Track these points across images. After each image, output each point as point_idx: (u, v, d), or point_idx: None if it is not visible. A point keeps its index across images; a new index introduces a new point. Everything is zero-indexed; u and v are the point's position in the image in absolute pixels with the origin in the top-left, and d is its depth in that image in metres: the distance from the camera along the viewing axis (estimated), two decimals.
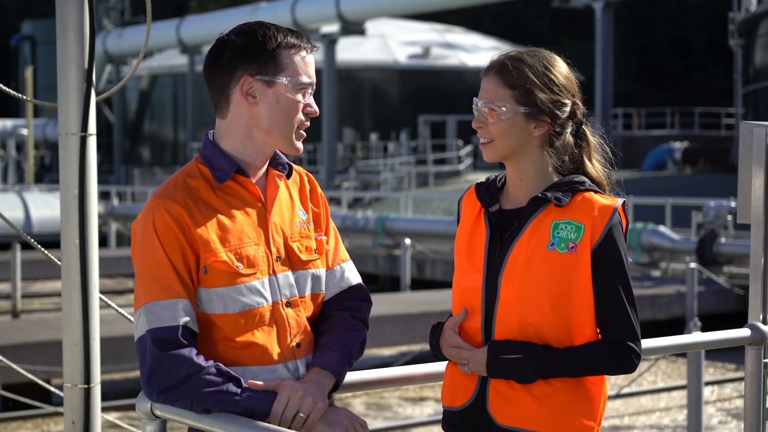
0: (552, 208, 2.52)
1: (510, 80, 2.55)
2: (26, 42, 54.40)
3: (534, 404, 2.50)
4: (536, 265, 2.49)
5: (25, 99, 3.08)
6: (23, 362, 8.84)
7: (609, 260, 2.49)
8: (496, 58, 2.61)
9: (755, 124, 3.13)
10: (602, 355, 2.48)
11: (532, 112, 2.54)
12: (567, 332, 2.49)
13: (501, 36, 50.13)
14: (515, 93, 2.54)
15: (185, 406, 2.32)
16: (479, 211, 2.63)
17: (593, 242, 2.48)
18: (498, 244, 2.56)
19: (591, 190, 2.55)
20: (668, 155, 35.44)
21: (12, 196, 27.33)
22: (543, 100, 2.54)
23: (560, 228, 2.50)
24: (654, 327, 13.58)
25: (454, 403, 2.61)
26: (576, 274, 2.48)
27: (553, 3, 33.79)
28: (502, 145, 2.56)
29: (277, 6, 38.23)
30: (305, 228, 2.57)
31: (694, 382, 7.44)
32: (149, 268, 2.39)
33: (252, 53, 2.45)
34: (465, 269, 2.61)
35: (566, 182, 2.56)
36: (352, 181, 34.21)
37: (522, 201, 2.59)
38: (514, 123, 2.54)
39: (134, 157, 49.74)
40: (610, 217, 2.49)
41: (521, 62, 2.56)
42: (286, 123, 2.48)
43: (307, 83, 2.49)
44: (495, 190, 2.65)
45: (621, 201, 2.54)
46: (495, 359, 2.49)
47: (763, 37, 31.00)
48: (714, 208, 16.05)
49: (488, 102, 2.56)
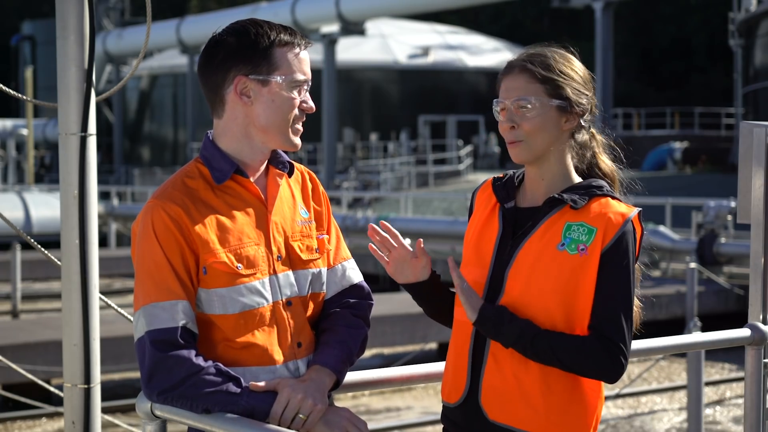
0: (567, 210, 2.51)
1: (539, 75, 2.52)
2: (26, 42, 54.38)
3: (525, 402, 2.48)
4: (544, 264, 2.47)
5: (25, 99, 3.08)
6: (23, 362, 8.85)
7: (615, 266, 2.46)
8: (517, 57, 2.59)
9: (755, 124, 3.13)
10: (584, 351, 2.41)
11: (563, 105, 2.53)
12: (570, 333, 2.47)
13: (500, 36, 50.12)
14: (546, 87, 2.52)
15: (185, 406, 2.32)
16: (494, 206, 2.61)
17: (603, 246, 2.46)
18: (509, 240, 2.55)
19: (609, 195, 2.53)
20: (668, 155, 35.43)
21: (12, 196, 27.33)
22: (572, 93, 2.53)
23: (573, 229, 2.48)
24: (654, 327, 13.60)
25: (450, 398, 2.61)
26: (584, 277, 2.45)
27: (553, 3, 33.77)
28: (534, 143, 2.53)
29: (277, 6, 38.23)
30: (307, 227, 2.57)
31: (694, 382, 7.43)
32: (148, 269, 2.38)
33: (245, 53, 2.44)
34: (471, 262, 2.59)
35: (584, 186, 2.55)
36: (352, 181, 34.20)
37: (539, 200, 2.57)
38: (548, 118, 2.52)
39: (134, 157, 49.73)
40: (624, 224, 2.47)
41: (546, 57, 2.55)
42: (282, 121, 2.47)
43: (301, 80, 2.48)
44: (512, 187, 2.63)
45: (637, 210, 2.52)
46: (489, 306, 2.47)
47: (763, 37, 31.00)
48: (714, 208, 16.05)
49: (519, 99, 2.52)
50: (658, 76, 52.28)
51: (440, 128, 41.24)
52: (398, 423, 9.86)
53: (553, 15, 52.90)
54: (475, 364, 2.54)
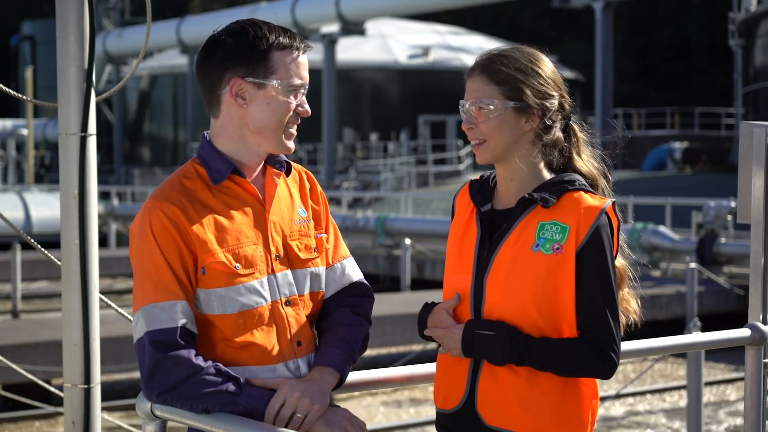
0: (539, 209, 2.49)
1: (496, 77, 2.52)
2: (26, 42, 54.40)
3: (521, 407, 2.47)
4: (521, 267, 2.46)
5: (25, 99, 3.08)
6: (23, 362, 8.86)
7: (592, 262, 2.44)
8: (479, 58, 2.59)
9: (755, 124, 3.13)
10: (576, 354, 2.42)
11: (521, 107, 2.51)
12: (555, 335, 2.46)
13: (500, 37, 50.12)
14: (503, 89, 2.51)
15: (185, 406, 2.32)
16: (472, 210, 2.61)
17: (578, 243, 2.44)
18: (487, 244, 2.54)
19: (581, 189, 2.50)
20: (668, 155, 35.44)
21: (12, 196, 27.34)
22: (531, 94, 2.51)
23: (546, 229, 2.47)
24: (654, 327, 13.59)
25: (446, 405, 2.59)
26: (561, 276, 2.44)
27: (553, 3, 33.78)
28: (494, 144, 2.52)
29: (277, 6, 38.24)
30: (305, 226, 2.57)
31: (694, 382, 7.43)
32: (147, 270, 2.38)
33: (243, 55, 2.43)
34: (455, 270, 2.59)
35: (556, 182, 2.52)
36: (352, 181, 34.20)
37: (512, 201, 2.56)
38: (505, 119, 2.51)
39: (134, 157, 49.74)
40: (597, 218, 2.45)
41: (505, 58, 2.54)
42: (276, 124, 2.46)
43: (298, 85, 2.47)
44: (488, 190, 2.62)
45: (610, 201, 2.49)
46: (470, 334, 2.46)
47: (763, 37, 31.00)
48: (714, 208, 16.06)
49: (476, 101, 2.53)
50: (658, 76, 52.30)
51: (440, 128, 41.24)
52: (397, 423, 9.86)
53: (553, 15, 52.91)
54: (474, 369, 2.53)
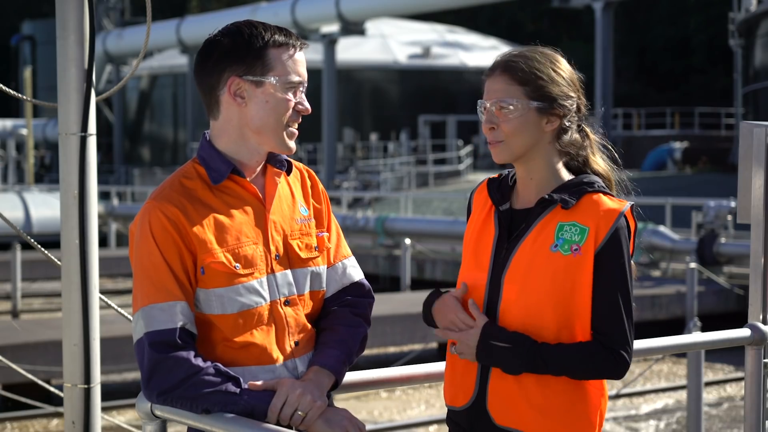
0: (559, 210, 2.50)
1: (519, 76, 2.52)
2: (26, 42, 54.37)
3: (531, 407, 2.48)
4: (539, 266, 2.47)
5: (25, 99, 3.08)
6: (23, 362, 8.85)
7: (611, 265, 2.45)
8: (500, 58, 2.58)
9: (755, 124, 3.13)
10: (591, 359, 2.44)
11: (544, 107, 2.52)
12: (570, 335, 2.47)
13: (499, 37, 50.11)
14: (526, 89, 2.51)
15: (185, 406, 2.32)
16: (490, 208, 2.61)
17: (597, 245, 2.45)
18: (505, 243, 2.55)
19: (600, 191, 2.52)
20: (668, 155, 35.44)
21: (12, 196, 27.33)
22: (553, 94, 2.52)
23: (565, 230, 2.48)
24: (654, 327, 13.59)
25: (456, 402, 2.60)
26: (579, 277, 2.45)
27: (552, 3, 33.78)
28: (515, 144, 2.52)
29: (277, 6, 38.24)
30: (306, 225, 2.57)
31: (694, 382, 7.43)
32: (146, 270, 2.38)
33: (239, 53, 2.43)
34: (470, 267, 2.59)
35: (576, 182, 2.53)
36: (352, 181, 34.20)
37: (531, 201, 2.56)
38: (527, 119, 2.51)
39: (134, 157, 49.73)
40: (616, 220, 2.46)
41: (527, 58, 2.54)
42: (277, 123, 2.46)
43: (296, 82, 2.47)
44: (506, 188, 2.62)
45: (629, 204, 2.51)
46: (486, 344, 2.47)
47: (763, 37, 30.99)
48: (714, 208, 16.05)
49: (498, 100, 2.52)
50: (657, 76, 52.28)
51: (440, 128, 41.23)
52: (398, 423, 9.85)
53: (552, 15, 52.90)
54: (483, 368, 2.54)
